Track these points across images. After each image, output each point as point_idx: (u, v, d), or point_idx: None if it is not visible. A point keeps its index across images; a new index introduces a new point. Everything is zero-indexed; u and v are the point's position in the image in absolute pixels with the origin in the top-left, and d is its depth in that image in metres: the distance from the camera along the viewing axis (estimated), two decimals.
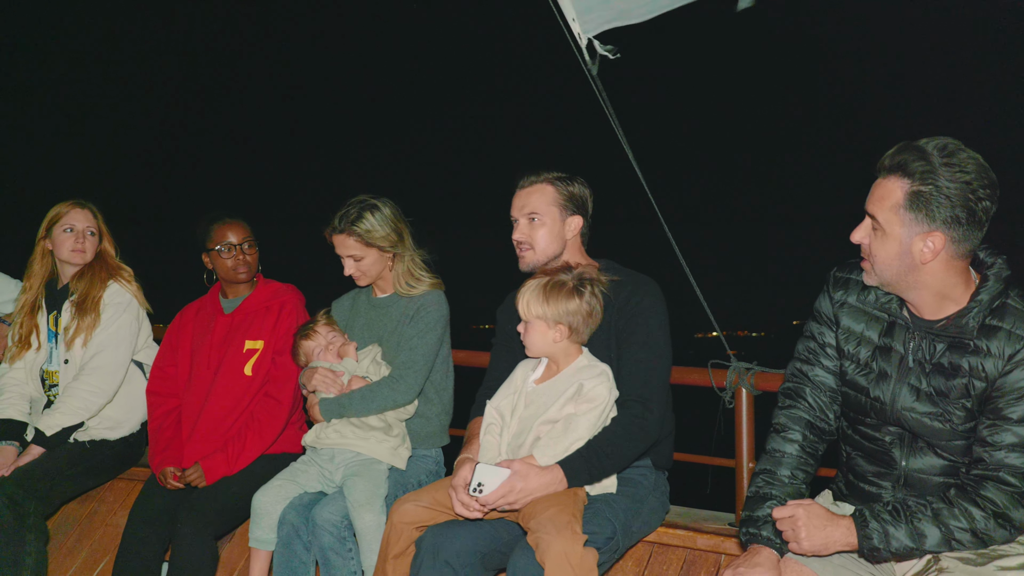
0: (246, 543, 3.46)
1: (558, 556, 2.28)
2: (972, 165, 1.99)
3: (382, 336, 3.25)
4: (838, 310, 2.30)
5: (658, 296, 2.75)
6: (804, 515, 2.10)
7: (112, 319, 3.61)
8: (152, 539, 3.21)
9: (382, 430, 3.07)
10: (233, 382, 3.39)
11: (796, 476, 2.27)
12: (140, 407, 3.72)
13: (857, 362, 2.25)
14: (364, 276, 3.20)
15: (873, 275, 2.16)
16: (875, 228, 2.11)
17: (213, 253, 3.46)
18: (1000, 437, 2.04)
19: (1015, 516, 2.02)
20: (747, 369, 3.03)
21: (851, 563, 2.18)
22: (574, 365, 2.63)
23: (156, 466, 3.34)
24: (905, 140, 2.10)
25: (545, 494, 2.46)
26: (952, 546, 2.05)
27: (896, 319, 2.20)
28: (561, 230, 2.82)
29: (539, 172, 2.85)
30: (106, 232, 3.76)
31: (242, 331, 3.46)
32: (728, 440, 3.08)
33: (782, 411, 2.36)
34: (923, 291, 2.10)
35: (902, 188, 2.04)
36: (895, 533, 2.05)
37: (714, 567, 2.81)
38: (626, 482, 2.68)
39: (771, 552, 2.16)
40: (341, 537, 2.89)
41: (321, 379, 3.10)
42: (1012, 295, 2.08)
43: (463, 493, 2.49)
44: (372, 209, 3.13)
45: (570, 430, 2.52)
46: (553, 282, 2.59)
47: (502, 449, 2.62)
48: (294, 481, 3.06)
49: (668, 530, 2.88)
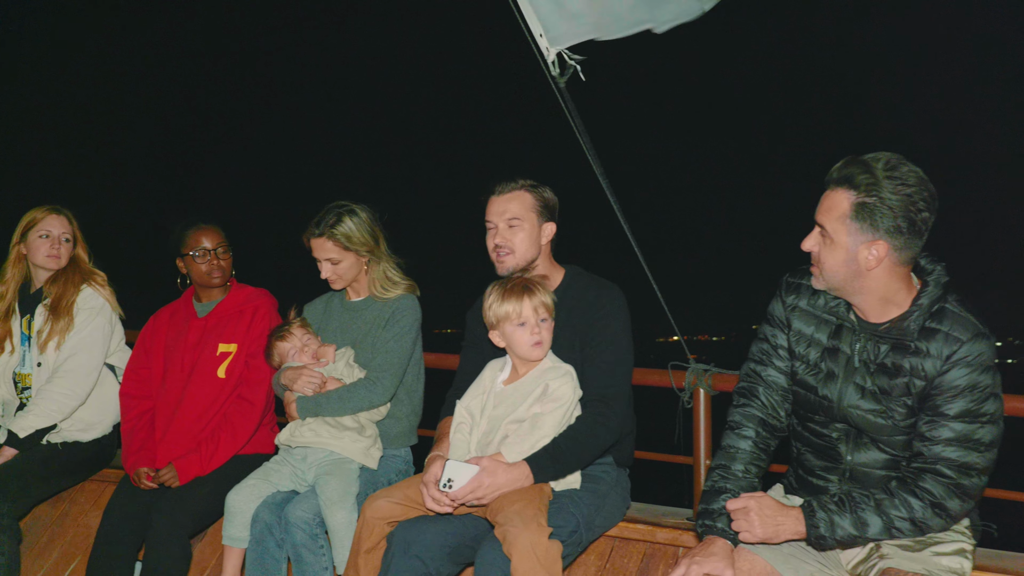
0: (218, 542, 3.53)
1: (524, 548, 2.39)
2: (913, 178, 2.14)
3: (356, 339, 3.34)
4: (790, 313, 2.44)
5: (621, 301, 2.87)
6: (756, 506, 2.23)
7: (85, 322, 3.66)
8: (125, 539, 3.27)
9: (356, 430, 3.16)
10: (206, 384, 3.46)
11: (749, 471, 2.40)
12: (112, 409, 3.77)
13: (807, 363, 2.39)
14: (340, 279, 3.29)
15: (822, 280, 2.30)
16: (823, 237, 2.24)
17: (188, 258, 3.53)
18: (938, 432, 2.18)
19: (951, 506, 2.17)
20: (705, 370, 3.17)
21: (800, 552, 2.32)
22: (540, 367, 2.74)
23: (130, 467, 3.39)
24: (851, 155, 2.24)
25: (512, 489, 2.56)
26: (892, 534, 2.19)
27: (844, 322, 2.34)
28: (538, 235, 2.93)
29: (515, 179, 2.96)
30: (80, 238, 3.81)
31: (215, 334, 3.53)
32: (687, 438, 3.22)
33: (736, 409, 2.49)
34: (868, 296, 2.24)
35: (848, 199, 2.17)
36: (840, 522, 2.19)
37: (673, 559, 2.93)
38: (589, 478, 2.80)
39: (725, 543, 2.29)
40: (313, 534, 2.97)
41: (307, 380, 3.18)
42: (950, 300, 2.22)
43: (434, 489, 2.59)
44: (350, 214, 3.23)
45: (536, 428, 2.64)
46: (538, 279, 2.73)
47: (472, 447, 2.73)
48: (267, 480, 3.14)
49: (629, 525, 3.00)
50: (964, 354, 2.16)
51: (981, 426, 2.16)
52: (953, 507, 2.17)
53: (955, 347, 2.17)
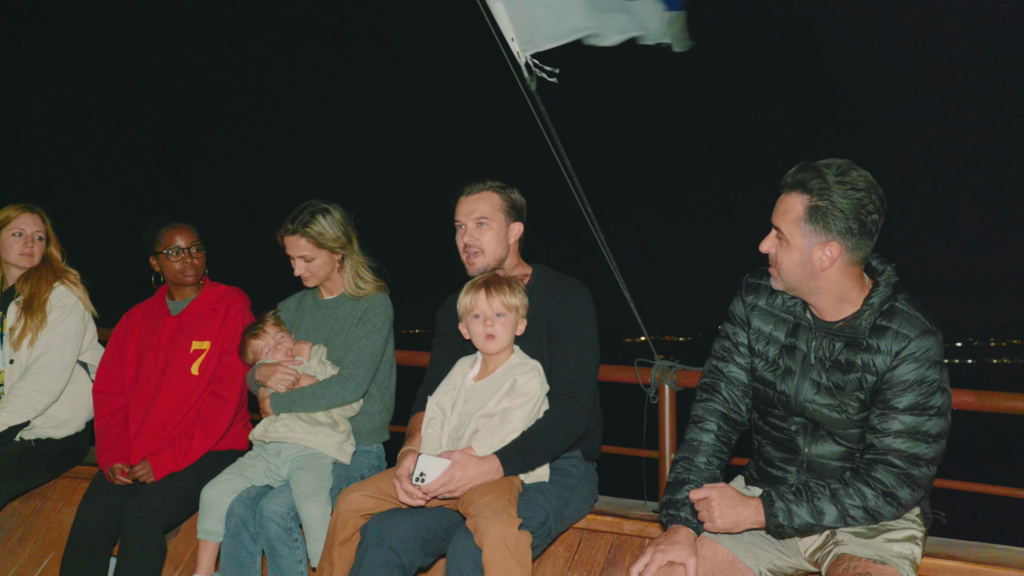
0: (192, 537, 3.58)
1: (495, 538, 2.47)
2: (863, 182, 2.24)
3: (328, 336, 3.40)
4: (750, 312, 2.54)
5: (587, 298, 2.96)
6: (717, 496, 2.33)
7: (59, 320, 3.69)
8: (100, 534, 3.30)
9: (329, 426, 3.22)
10: (180, 381, 3.50)
11: (712, 463, 2.50)
12: (85, 406, 3.80)
13: (766, 359, 2.49)
14: (313, 277, 3.35)
15: (779, 280, 2.40)
16: (780, 239, 2.34)
17: (161, 256, 3.57)
18: (888, 424, 2.29)
19: (901, 495, 2.28)
20: (670, 367, 3.27)
21: (759, 540, 2.43)
22: (507, 363, 2.83)
23: (104, 463, 3.42)
24: (804, 160, 2.35)
25: (483, 482, 2.64)
26: (847, 522, 2.30)
27: (800, 321, 2.44)
28: (506, 235, 3.01)
29: (483, 180, 3.04)
30: (53, 236, 3.83)
31: (189, 332, 3.57)
32: (652, 433, 3.31)
33: (699, 404, 2.59)
34: (823, 295, 2.35)
35: (802, 203, 2.28)
36: (797, 511, 2.29)
37: (639, 550, 3.01)
38: (558, 472, 2.88)
39: (689, 531, 2.38)
40: (288, 528, 3.03)
41: (281, 376, 3.23)
42: (899, 299, 2.33)
43: (407, 482, 2.66)
44: (323, 212, 3.30)
45: (506, 423, 2.72)
46: (507, 278, 2.81)
47: (443, 441, 2.80)
48: (242, 475, 3.19)
49: (597, 517, 3.08)
50: (912, 350, 2.27)
51: (929, 419, 2.27)
52: (903, 496, 2.28)
53: (904, 343, 2.28)
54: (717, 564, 2.35)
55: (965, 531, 2.81)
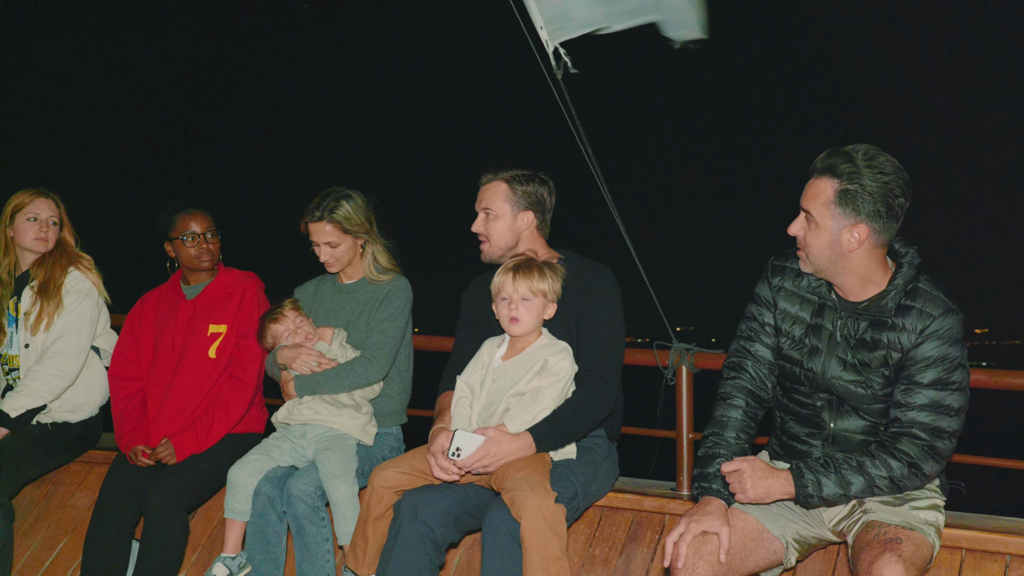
0: (210, 519, 3.63)
1: (533, 510, 2.55)
2: (890, 167, 2.35)
3: (348, 320, 3.45)
4: (775, 294, 2.64)
5: (614, 282, 3.04)
6: (749, 468, 2.43)
7: (74, 304, 3.70)
8: (123, 516, 3.32)
9: (353, 407, 3.28)
10: (198, 364, 3.53)
11: (740, 437, 2.60)
12: (99, 391, 3.82)
13: (792, 339, 2.59)
14: (337, 262, 3.40)
15: (808, 263, 2.50)
16: (809, 222, 2.45)
17: (176, 242, 3.60)
18: (913, 399, 2.40)
19: (925, 466, 2.39)
20: (687, 349, 3.36)
21: (787, 511, 2.53)
22: (537, 344, 2.90)
23: (125, 445, 3.45)
24: (832, 147, 2.45)
25: (516, 458, 2.72)
26: (873, 492, 2.41)
27: (826, 301, 2.54)
28: (513, 224, 3.08)
29: (497, 171, 3.11)
30: (67, 221, 3.84)
31: (205, 316, 3.60)
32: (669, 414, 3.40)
33: (727, 381, 2.69)
34: (850, 276, 2.45)
35: (832, 187, 2.38)
36: (826, 482, 2.40)
37: (659, 527, 3.11)
38: (584, 450, 2.96)
39: (720, 503, 2.47)
40: (315, 507, 3.08)
41: (306, 359, 3.28)
42: (922, 279, 2.45)
43: (442, 458, 2.73)
44: (347, 198, 3.35)
45: (537, 401, 2.79)
46: (539, 263, 2.87)
47: (473, 419, 2.87)
48: (268, 456, 3.23)
49: (617, 495, 3.17)
50: (936, 328, 2.38)
51: (951, 393, 2.39)
52: (927, 467, 2.39)
53: (928, 322, 2.39)
54: (747, 533, 2.45)
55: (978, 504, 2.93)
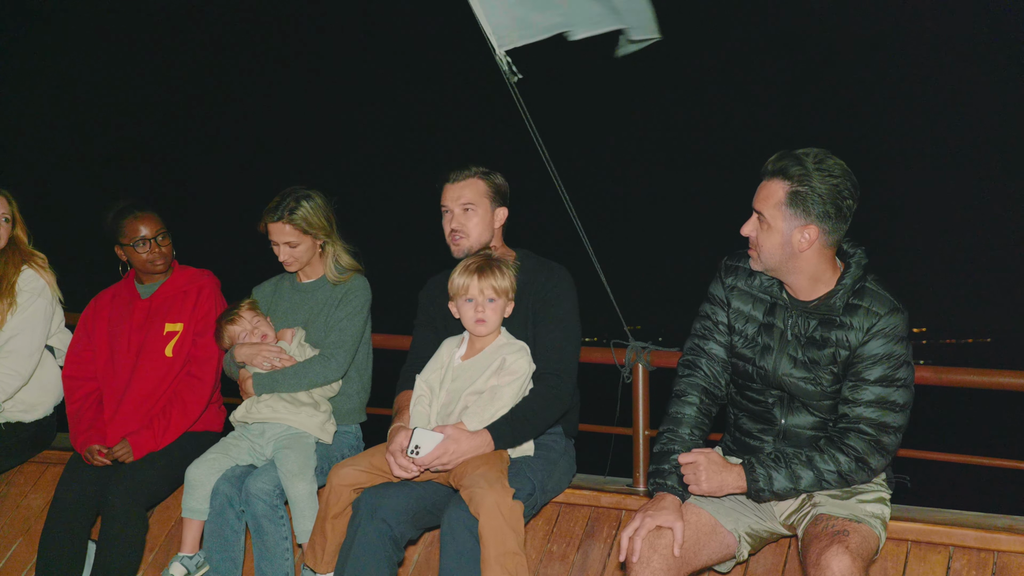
0: (167, 518, 3.61)
1: (491, 507, 2.58)
2: (839, 170, 2.43)
3: (306, 319, 3.45)
4: (729, 293, 2.70)
5: (570, 282, 3.09)
6: (704, 461, 2.49)
7: (28, 303, 3.65)
8: (79, 516, 3.30)
9: (312, 406, 3.28)
10: (155, 363, 3.50)
11: (695, 433, 2.65)
12: (52, 390, 3.77)
13: (745, 337, 2.66)
14: (296, 262, 3.40)
15: (760, 262, 2.56)
16: (761, 222, 2.51)
17: (127, 248, 3.55)
18: (860, 395, 2.48)
19: (872, 461, 2.47)
20: (643, 348, 3.41)
21: (739, 505, 2.60)
22: (495, 343, 2.94)
23: (80, 445, 3.41)
24: (783, 150, 2.52)
25: (475, 455, 2.75)
26: (822, 485, 2.48)
27: (777, 300, 2.61)
28: (491, 220, 3.12)
29: (467, 167, 3.13)
30: (19, 218, 3.78)
31: (161, 315, 3.57)
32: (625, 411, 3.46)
33: (682, 379, 2.74)
34: (800, 275, 2.52)
35: (783, 189, 2.45)
36: (777, 476, 2.47)
37: (616, 522, 3.16)
38: (541, 446, 3.00)
39: (675, 498, 2.53)
40: (274, 505, 3.08)
41: (265, 356, 3.27)
42: (869, 279, 2.52)
43: (401, 456, 2.75)
44: (307, 199, 3.34)
45: (495, 399, 2.83)
46: (495, 260, 2.90)
47: (432, 418, 2.90)
48: (226, 454, 3.23)
49: (574, 491, 3.21)
50: (882, 327, 2.46)
51: (896, 389, 2.47)
52: (874, 461, 2.47)
53: (874, 320, 2.47)
54: (701, 527, 2.51)
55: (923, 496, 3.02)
